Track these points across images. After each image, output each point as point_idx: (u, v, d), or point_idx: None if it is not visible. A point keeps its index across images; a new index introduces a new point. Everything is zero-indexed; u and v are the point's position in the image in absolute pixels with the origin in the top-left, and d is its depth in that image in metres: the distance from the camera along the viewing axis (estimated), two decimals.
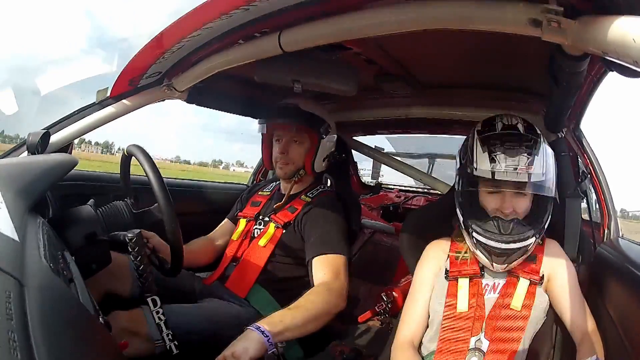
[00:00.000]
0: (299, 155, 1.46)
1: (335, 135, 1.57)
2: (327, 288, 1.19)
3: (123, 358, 0.75)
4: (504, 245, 0.96)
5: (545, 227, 1.00)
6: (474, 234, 1.00)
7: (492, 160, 0.94)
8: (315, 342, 1.41)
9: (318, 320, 1.12)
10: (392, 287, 1.58)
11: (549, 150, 1.00)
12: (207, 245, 1.54)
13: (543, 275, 1.02)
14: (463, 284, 1.03)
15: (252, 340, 0.94)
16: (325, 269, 1.25)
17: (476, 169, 0.96)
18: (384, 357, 1.13)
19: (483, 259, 1.01)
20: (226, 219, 1.63)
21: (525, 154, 0.93)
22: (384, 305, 1.50)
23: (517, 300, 0.99)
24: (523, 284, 1.00)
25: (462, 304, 1.01)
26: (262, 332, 0.96)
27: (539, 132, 1.00)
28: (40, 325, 0.40)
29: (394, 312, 1.47)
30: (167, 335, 1.01)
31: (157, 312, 1.00)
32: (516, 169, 0.92)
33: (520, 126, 0.99)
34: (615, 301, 0.94)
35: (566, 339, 1.01)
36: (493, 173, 0.93)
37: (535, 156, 0.94)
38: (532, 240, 0.97)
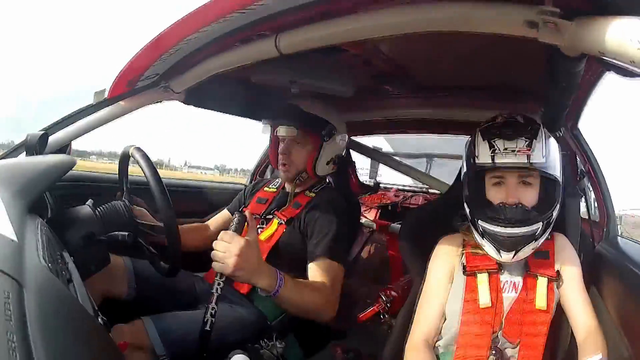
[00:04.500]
0: (301, 157, 1.43)
1: (346, 136, 1.53)
2: (326, 294, 1.20)
3: (122, 359, 0.75)
4: (509, 230, 0.94)
5: (554, 216, 0.98)
6: (480, 222, 0.98)
7: (491, 146, 0.96)
8: (315, 342, 1.40)
9: (303, 313, 1.20)
10: (391, 286, 1.58)
11: (553, 140, 1.00)
12: (200, 230, 1.54)
13: (558, 271, 1.00)
14: (482, 278, 1.01)
15: (265, 278, 1.06)
16: (325, 276, 1.23)
17: (478, 157, 0.98)
18: (384, 357, 1.13)
19: (490, 250, 0.98)
20: (225, 211, 1.61)
21: (524, 138, 0.94)
22: (384, 305, 1.50)
23: (541, 299, 0.97)
24: (542, 283, 0.98)
25: (484, 297, 0.98)
26: (279, 286, 1.07)
27: (539, 123, 1.00)
28: (39, 326, 0.40)
29: (394, 312, 1.46)
30: None
31: None
32: (514, 150, 0.94)
33: (519, 118, 1.01)
34: (614, 300, 0.94)
35: (568, 337, 1.00)
36: (493, 157, 0.95)
37: (534, 140, 0.94)
38: (539, 225, 0.95)
